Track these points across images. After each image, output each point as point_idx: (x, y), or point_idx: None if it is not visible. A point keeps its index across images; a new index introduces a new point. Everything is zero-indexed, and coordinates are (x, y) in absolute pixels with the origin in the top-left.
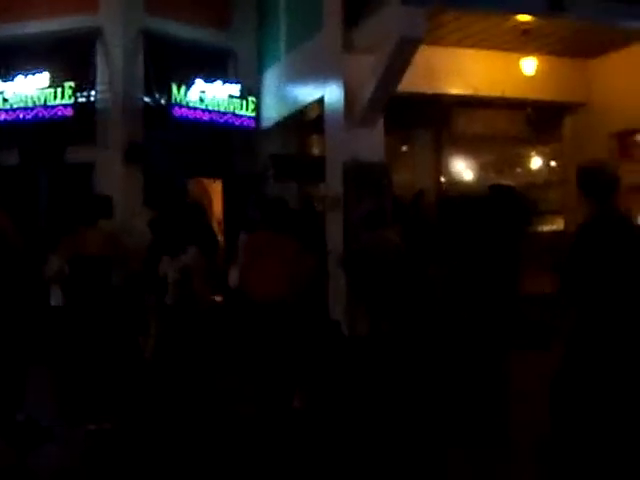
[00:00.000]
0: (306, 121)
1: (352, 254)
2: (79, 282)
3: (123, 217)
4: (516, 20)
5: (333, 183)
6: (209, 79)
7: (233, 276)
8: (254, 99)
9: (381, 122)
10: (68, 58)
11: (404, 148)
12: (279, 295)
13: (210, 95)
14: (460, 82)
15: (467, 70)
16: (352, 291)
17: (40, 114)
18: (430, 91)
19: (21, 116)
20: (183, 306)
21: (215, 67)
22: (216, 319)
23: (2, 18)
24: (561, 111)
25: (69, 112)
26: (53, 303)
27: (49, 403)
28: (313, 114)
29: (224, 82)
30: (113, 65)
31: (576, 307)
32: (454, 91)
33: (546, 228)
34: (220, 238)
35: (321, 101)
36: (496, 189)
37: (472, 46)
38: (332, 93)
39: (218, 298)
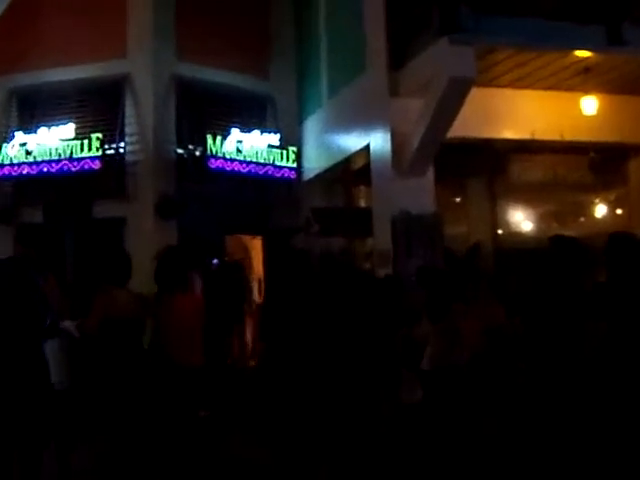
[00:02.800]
0: (351, 171)
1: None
2: (112, 347)
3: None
4: (574, 57)
5: (381, 237)
6: (246, 128)
7: None
8: (295, 149)
9: (431, 170)
10: (95, 107)
11: (457, 198)
12: None
13: (248, 145)
14: (516, 126)
15: (523, 112)
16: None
17: (66, 168)
18: (483, 136)
19: (45, 170)
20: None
21: (252, 115)
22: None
23: (22, 66)
24: (626, 153)
25: (97, 165)
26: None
27: None
28: (358, 164)
29: (262, 131)
30: (143, 114)
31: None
32: (509, 135)
33: None
34: (258, 297)
35: (367, 149)
36: (557, 241)
37: (527, 86)
38: (378, 141)
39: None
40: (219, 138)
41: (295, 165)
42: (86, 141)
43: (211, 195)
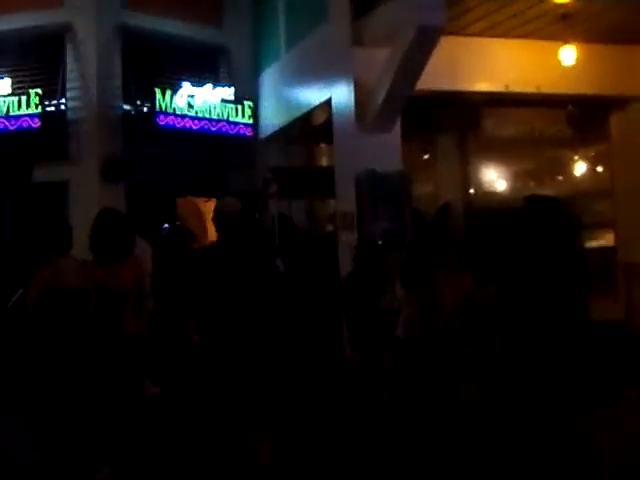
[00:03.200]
0: (312, 127)
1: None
2: (56, 318)
3: None
4: (551, 3)
5: (344, 198)
6: (198, 82)
7: None
8: (251, 104)
9: (398, 126)
10: (33, 60)
11: (425, 155)
12: None
13: (200, 100)
14: (489, 77)
15: (497, 63)
16: None
17: (2, 126)
18: (454, 88)
19: None
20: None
21: (205, 68)
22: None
23: None
24: (607, 107)
25: (36, 123)
26: None
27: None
28: (320, 119)
29: (216, 85)
30: (86, 67)
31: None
32: (482, 88)
33: (593, 244)
34: None
35: (328, 104)
36: (534, 201)
37: (502, 35)
38: (341, 94)
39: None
40: (169, 93)
41: (251, 121)
42: (24, 97)
43: (161, 155)
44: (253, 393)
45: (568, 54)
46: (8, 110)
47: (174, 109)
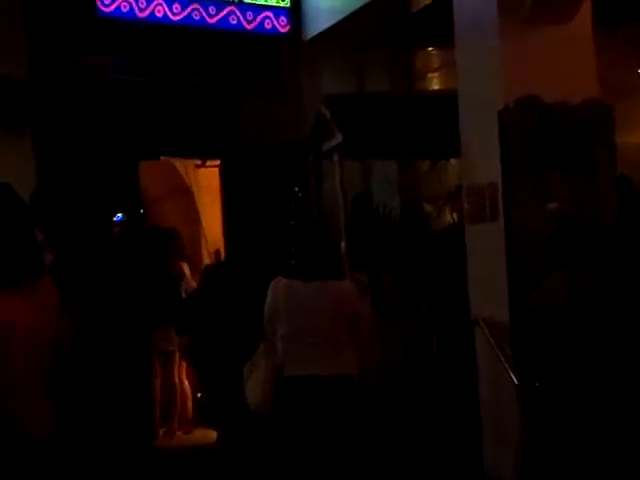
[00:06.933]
0: (407, 16)
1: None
2: None
3: None
4: None
5: (477, 157)
6: None
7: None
8: None
9: (587, 11)
10: None
11: None
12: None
13: None
14: None
15: None
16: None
17: None
18: None
19: None
20: None
21: None
22: None
23: None
24: None
25: None
26: None
27: None
28: (421, 1)
29: None
30: None
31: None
32: None
33: None
34: None
35: None
36: None
37: None
38: None
39: None
40: None
41: (288, 4)
42: None
43: (108, 75)
44: None
45: None
46: None
47: None
